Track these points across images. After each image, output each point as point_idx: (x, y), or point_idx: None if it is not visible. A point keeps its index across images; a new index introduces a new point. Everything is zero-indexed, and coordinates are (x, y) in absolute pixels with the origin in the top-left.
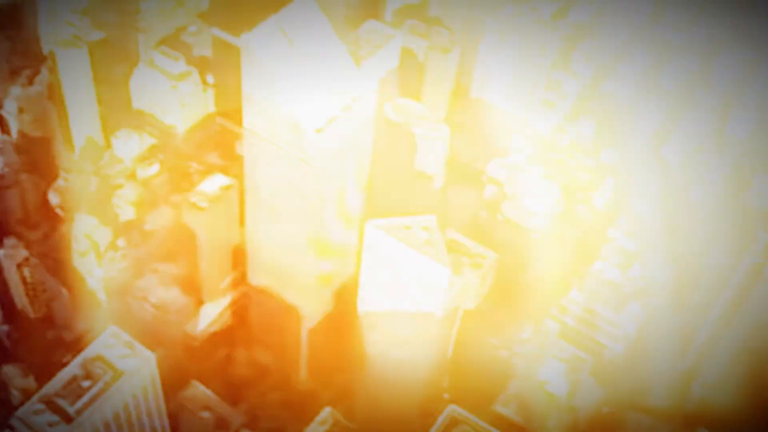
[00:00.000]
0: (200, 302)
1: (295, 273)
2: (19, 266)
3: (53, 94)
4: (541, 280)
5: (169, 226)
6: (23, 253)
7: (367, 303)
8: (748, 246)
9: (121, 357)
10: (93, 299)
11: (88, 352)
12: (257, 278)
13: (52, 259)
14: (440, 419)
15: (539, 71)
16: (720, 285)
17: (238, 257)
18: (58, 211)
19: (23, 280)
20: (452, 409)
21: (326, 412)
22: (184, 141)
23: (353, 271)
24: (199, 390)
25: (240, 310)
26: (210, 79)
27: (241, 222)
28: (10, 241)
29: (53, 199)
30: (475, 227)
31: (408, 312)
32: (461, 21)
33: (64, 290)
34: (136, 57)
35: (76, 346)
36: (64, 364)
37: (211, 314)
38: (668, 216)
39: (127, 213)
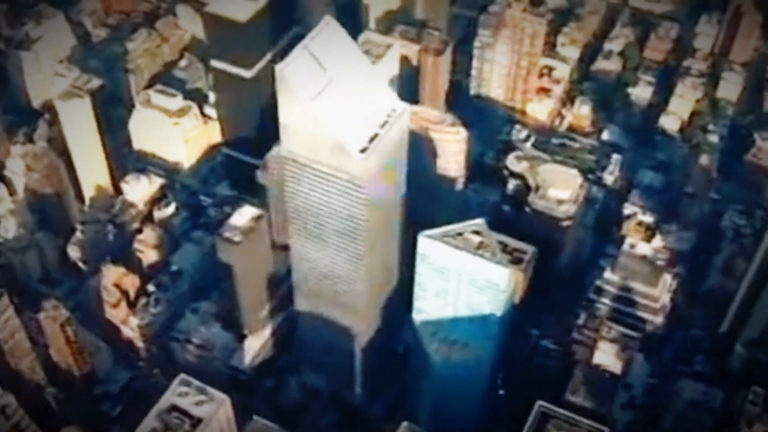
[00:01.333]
0: (242, 335)
1: (345, 294)
2: (62, 326)
3: (58, 147)
4: (574, 265)
5: (196, 263)
6: (65, 313)
7: (423, 313)
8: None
9: (195, 404)
10: (132, 348)
11: (162, 404)
12: (304, 304)
13: (84, 314)
14: (532, 416)
15: (530, 60)
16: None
17: (273, 285)
18: (80, 264)
19: (67, 339)
20: (540, 405)
21: (404, 426)
22: (191, 176)
23: (396, 285)
24: (260, 423)
25: (282, 338)
26: (209, 110)
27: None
28: (49, 303)
29: (73, 253)
30: (499, 223)
31: (467, 316)
32: (448, 21)
33: (101, 343)
34: (129, 99)
35: (123, 397)
36: (116, 417)
37: (255, 345)
38: (678, 183)
39: (150, 256)
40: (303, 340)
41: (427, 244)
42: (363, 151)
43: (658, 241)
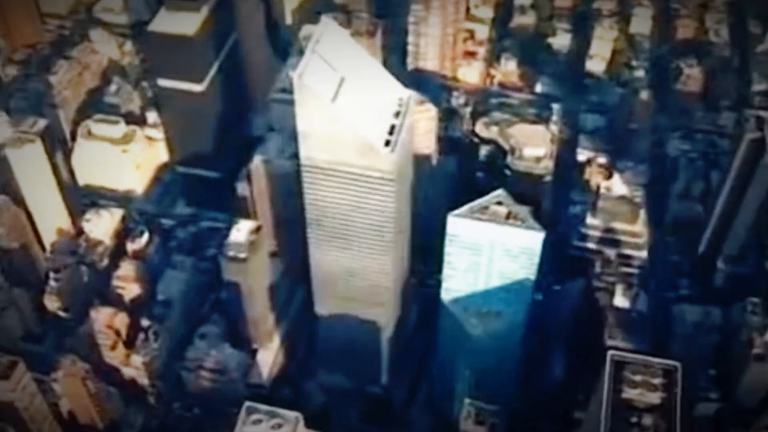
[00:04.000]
0: (253, 350)
1: (371, 288)
2: (83, 380)
3: (13, 197)
4: (552, 218)
5: (183, 288)
6: (84, 365)
7: (453, 291)
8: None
9: (272, 428)
10: (138, 387)
11: None
12: (326, 306)
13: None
14: (607, 367)
15: (456, 26)
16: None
17: (273, 294)
18: (60, 314)
19: (89, 392)
20: (612, 354)
21: (467, 402)
22: (146, 201)
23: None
24: None
25: (291, 345)
26: (150, 131)
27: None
28: (67, 360)
29: (51, 304)
30: (477, 190)
31: (499, 286)
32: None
33: (111, 389)
34: (61, 134)
35: None
36: None
37: (268, 358)
38: (620, 122)
39: (132, 291)
40: (326, 342)
41: (457, 223)
42: (387, 144)
43: (618, 180)
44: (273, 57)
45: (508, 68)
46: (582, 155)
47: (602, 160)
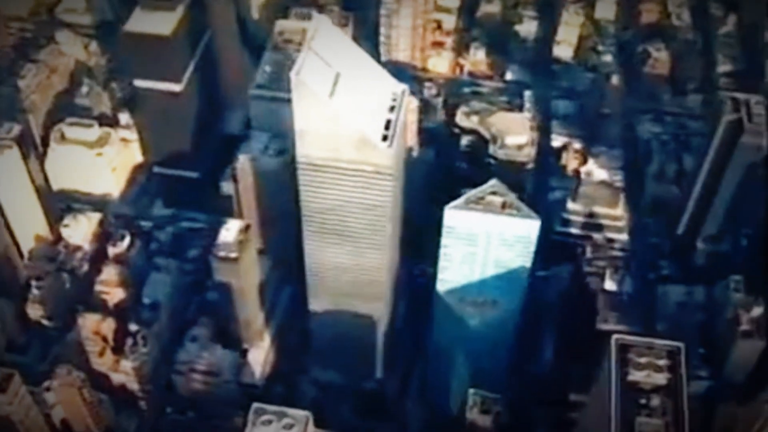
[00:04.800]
0: (244, 350)
1: (368, 283)
2: (80, 389)
3: None
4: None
5: (169, 291)
6: (79, 374)
7: (448, 282)
8: None
9: (283, 429)
10: (128, 393)
11: None
12: (321, 303)
13: None
14: (613, 350)
15: (425, 17)
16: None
17: (263, 292)
18: (44, 322)
19: (84, 401)
20: (617, 338)
21: (471, 392)
22: (123, 204)
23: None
24: None
25: (281, 343)
26: (123, 132)
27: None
28: (62, 370)
29: (34, 312)
30: (459, 181)
31: (495, 275)
32: None
33: (103, 396)
34: (32, 140)
35: None
36: None
37: (260, 357)
38: (592, 106)
39: (117, 295)
40: (320, 339)
41: (454, 215)
42: (384, 139)
43: (597, 164)
44: (245, 53)
45: (477, 57)
46: (556, 141)
47: (577, 145)
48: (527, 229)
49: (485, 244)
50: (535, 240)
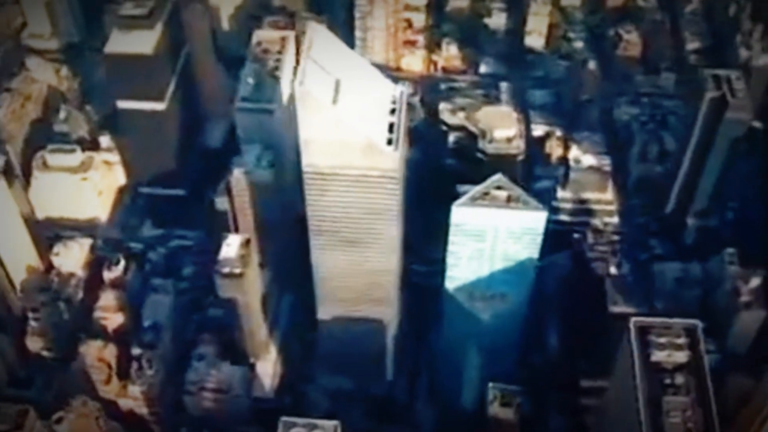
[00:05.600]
0: (251, 364)
1: (376, 287)
2: (97, 419)
3: None
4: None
5: (169, 312)
6: (95, 404)
7: (457, 279)
8: None
9: None
10: (137, 418)
11: None
12: (329, 311)
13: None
14: (632, 333)
15: (396, 16)
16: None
17: (265, 304)
18: (44, 353)
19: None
20: (635, 321)
21: (490, 386)
22: (111, 227)
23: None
24: None
25: (286, 355)
26: (105, 155)
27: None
28: (77, 401)
29: (34, 345)
30: (447, 178)
31: (503, 268)
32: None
33: (114, 424)
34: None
35: None
36: None
37: (268, 369)
38: (569, 94)
39: (116, 320)
40: (328, 346)
41: (462, 212)
42: (389, 143)
43: (583, 150)
44: (221, 66)
45: (450, 53)
46: (537, 131)
47: (558, 133)
48: (535, 220)
49: (493, 238)
50: (542, 231)
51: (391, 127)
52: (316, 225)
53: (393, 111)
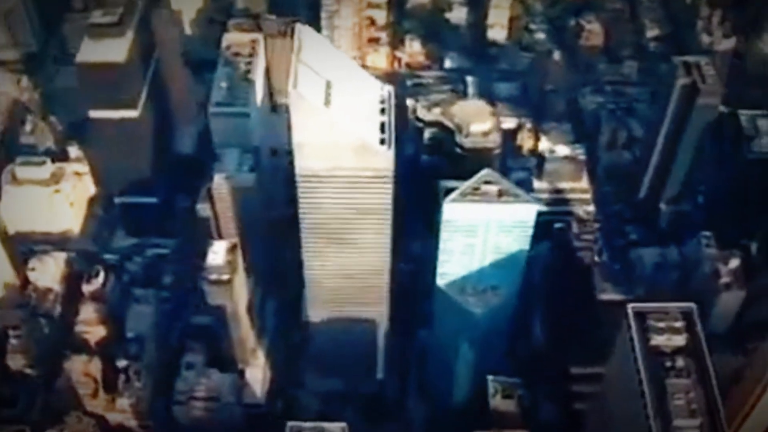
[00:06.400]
0: (241, 371)
1: (369, 288)
2: None
3: None
4: None
5: (152, 322)
6: (90, 420)
7: (448, 275)
8: None
9: None
10: (128, 431)
11: None
12: (320, 312)
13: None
14: (631, 319)
15: (360, 15)
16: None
17: (251, 310)
18: (27, 371)
19: None
20: (632, 307)
21: (490, 379)
22: (84, 239)
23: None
24: None
25: (275, 360)
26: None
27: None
28: (71, 418)
29: (15, 363)
30: (424, 173)
31: (494, 261)
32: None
33: None
34: None
35: None
36: None
37: (257, 375)
38: (535, 85)
39: (98, 333)
40: (319, 348)
41: (454, 208)
42: (382, 142)
43: (556, 141)
44: (188, 71)
45: (414, 49)
46: (506, 123)
47: (528, 125)
48: (526, 214)
49: (484, 233)
50: (533, 224)
51: (382, 126)
52: (309, 227)
53: (383, 111)
